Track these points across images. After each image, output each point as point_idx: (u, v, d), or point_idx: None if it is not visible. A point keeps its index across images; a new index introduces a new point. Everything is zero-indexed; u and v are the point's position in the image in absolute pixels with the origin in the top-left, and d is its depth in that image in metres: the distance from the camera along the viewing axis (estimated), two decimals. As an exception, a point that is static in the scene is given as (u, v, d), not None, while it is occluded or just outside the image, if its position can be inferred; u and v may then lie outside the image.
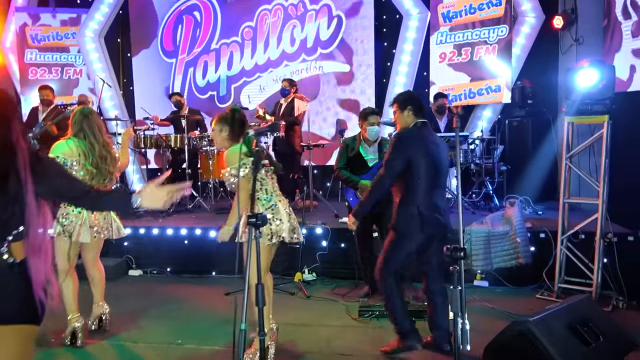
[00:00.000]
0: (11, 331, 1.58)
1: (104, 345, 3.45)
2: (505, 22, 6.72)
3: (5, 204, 1.55)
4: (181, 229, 5.37)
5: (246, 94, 7.72)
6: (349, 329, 3.70)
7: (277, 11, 7.53)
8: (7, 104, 1.65)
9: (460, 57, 6.94)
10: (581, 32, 6.61)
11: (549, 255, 4.49)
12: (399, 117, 3.30)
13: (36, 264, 1.61)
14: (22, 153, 1.59)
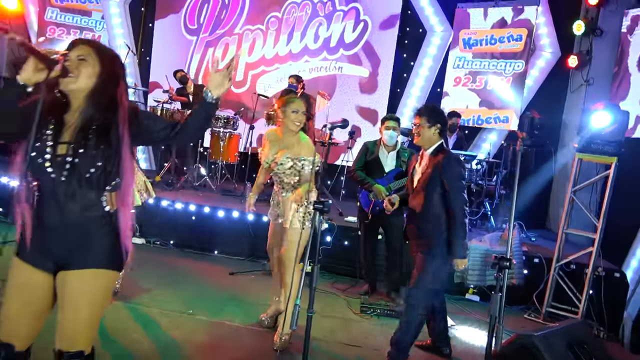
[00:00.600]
0: (99, 274, 1.71)
1: (118, 306, 3.56)
2: (522, 57, 6.99)
3: (109, 156, 1.67)
4: (190, 205, 5.47)
5: (262, 83, 7.82)
6: (352, 322, 3.88)
7: (306, 6, 7.65)
8: (117, 63, 1.77)
9: (474, 84, 7.18)
10: (592, 73, 6.94)
11: (540, 280, 4.77)
12: (423, 132, 3.14)
13: (125, 215, 1.74)
14: (123, 108, 1.72)
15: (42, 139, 1.65)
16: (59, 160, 1.64)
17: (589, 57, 6.95)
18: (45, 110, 1.63)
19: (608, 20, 6.83)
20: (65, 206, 1.65)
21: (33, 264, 1.71)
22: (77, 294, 1.67)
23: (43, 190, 1.67)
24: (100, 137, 1.66)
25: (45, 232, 1.68)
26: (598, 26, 6.86)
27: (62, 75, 1.62)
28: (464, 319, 4.34)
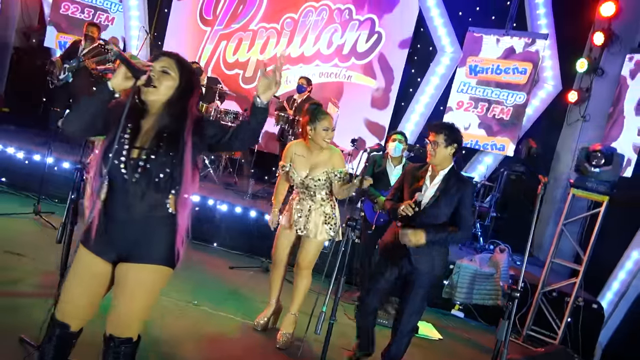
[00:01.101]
0: (157, 270, 1.85)
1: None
2: (525, 90, 7.26)
3: (176, 163, 1.81)
4: (193, 195, 5.58)
5: (272, 82, 7.94)
6: (348, 327, 4.07)
7: (323, 11, 7.80)
8: (192, 76, 1.91)
9: (476, 109, 7.43)
10: (589, 110, 7.24)
11: (523, 303, 5.01)
12: (439, 150, 3.03)
13: (182, 218, 1.88)
14: (190, 119, 1.86)
15: (120, 141, 1.79)
16: (133, 163, 1.78)
17: (588, 95, 7.25)
18: (132, 113, 1.78)
19: (610, 62, 7.13)
20: (133, 205, 1.80)
21: (97, 253, 1.84)
22: (135, 286, 1.81)
23: (115, 188, 1.81)
24: (170, 145, 1.81)
25: (112, 226, 1.82)
26: (600, 66, 7.15)
27: (146, 85, 1.76)
28: (449, 333, 4.57)
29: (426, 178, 3.11)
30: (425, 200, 3.06)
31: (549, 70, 7.48)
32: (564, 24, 7.43)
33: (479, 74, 7.43)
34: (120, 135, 1.78)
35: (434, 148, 3.03)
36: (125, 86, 1.73)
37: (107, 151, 1.75)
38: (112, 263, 1.86)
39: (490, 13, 7.80)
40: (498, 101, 7.35)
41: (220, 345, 3.27)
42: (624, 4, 7.03)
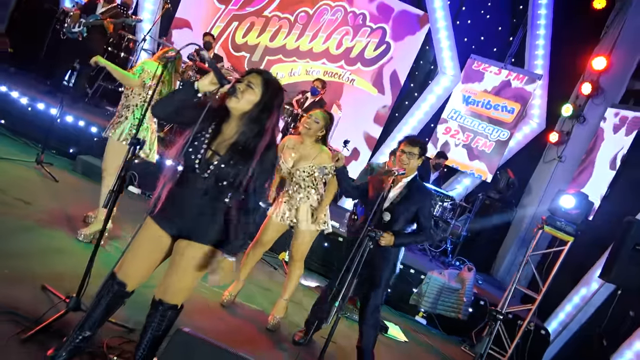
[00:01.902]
0: (209, 249, 2.10)
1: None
2: (509, 128, 7.75)
3: (241, 177, 2.02)
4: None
5: (276, 71, 8.13)
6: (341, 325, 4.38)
7: (338, 12, 8.02)
8: (274, 97, 2.08)
9: (461, 138, 7.89)
10: (566, 152, 7.82)
11: (480, 320, 5.48)
12: (412, 161, 3.35)
13: (237, 214, 2.11)
14: (265, 139, 2.04)
15: (201, 139, 2.01)
16: (205, 163, 2.02)
17: (567, 138, 7.82)
18: (211, 115, 2.00)
19: (592, 111, 7.71)
20: (198, 194, 2.04)
21: (161, 226, 2.08)
22: (190, 260, 2.06)
23: (186, 176, 2.04)
24: (241, 160, 2.01)
25: (178, 206, 2.05)
26: (583, 114, 7.72)
27: (229, 94, 1.99)
28: (413, 336, 4.97)
29: (390, 183, 3.36)
30: (387, 203, 3.38)
31: (537, 108, 8.00)
32: (558, 68, 7.96)
33: (470, 105, 7.86)
34: (202, 134, 2.01)
35: (409, 158, 3.35)
36: (209, 89, 1.96)
37: (187, 143, 1.98)
38: (172, 237, 2.10)
39: (493, 45, 8.25)
40: (483, 134, 7.82)
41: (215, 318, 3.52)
42: (615, 60, 7.60)
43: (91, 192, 4.94)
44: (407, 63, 8.02)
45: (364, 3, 7.99)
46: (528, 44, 8.02)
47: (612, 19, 7.86)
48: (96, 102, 6.92)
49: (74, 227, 3.85)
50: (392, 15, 7.99)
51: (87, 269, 2.52)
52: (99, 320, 2.16)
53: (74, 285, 2.80)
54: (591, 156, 7.45)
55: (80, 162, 5.37)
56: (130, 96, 3.73)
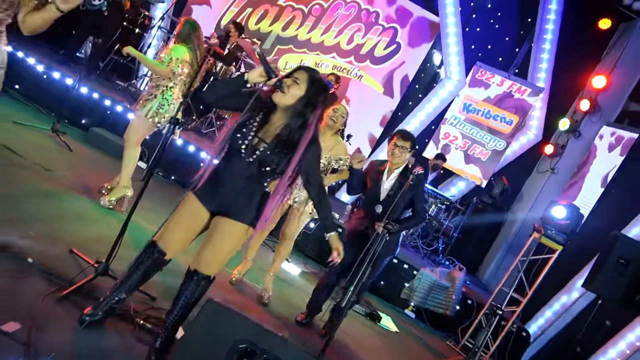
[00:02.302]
0: (244, 228, 2.27)
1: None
2: (506, 139, 7.99)
3: (282, 165, 2.20)
4: (202, 152, 5.87)
5: (285, 60, 8.24)
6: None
7: (352, 7, 8.14)
8: (319, 93, 2.23)
9: (459, 144, 8.11)
10: (559, 165, 8.09)
11: (466, 318, 5.74)
12: (404, 154, 3.65)
13: (273, 200, 2.28)
14: (308, 133, 2.21)
15: (249, 127, 2.17)
16: (251, 149, 2.18)
17: (562, 151, 8.09)
18: (259, 106, 2.16)
19: (588, 128, 7.98)
20: (240, 176, 2.20)
21: (202, 202, 2.24)
22: (226, 235, 2.23)
23: (231, 159, 2.20)
24: (284, 149, 2.19)
25: (220, 185, 2.22)
26: (579, 129, 7.99)
27: (275, 87, 2.15)
28: (402, 327, 5.20)
29: (384, 173, 3.78)
30: (383, 194, 3.73)
31: (535, 120, 8.25)
32: (559, 83, 8.20)
33: (470, 112, 8.08)
34: (250, 122, 2.17)
35: (401, 152, 3.66)
36: (258, 81, 2.12)
37: (236, 129, 2.14)
38: (211, 213, 2.26)
39: (499, 54, 8.46)
40: (481, 142, 8.06)
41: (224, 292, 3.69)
42: (614, 80, 7.87)
43: (105, 165, 5.08)
44: (416, 67, 8.20)
45: (382, 4, 8.12)
46: (533, 56, 8.24)
47: (615, 40, 8.12)
48: (107, 75, 6.98)
49: (91, 195, 3.97)
50: (409, 20, 8.14)
51: (119, 236, 2.67)
52: (135, 285, 2.33)
53: (96, 249, 2.97)
54: (583, 170, 7.73)
55: (93, 134, 5.46)
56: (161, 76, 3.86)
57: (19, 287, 2.38)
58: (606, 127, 7.75)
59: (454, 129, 8.11)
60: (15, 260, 2.55)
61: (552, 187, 8.05)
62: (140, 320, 2.54)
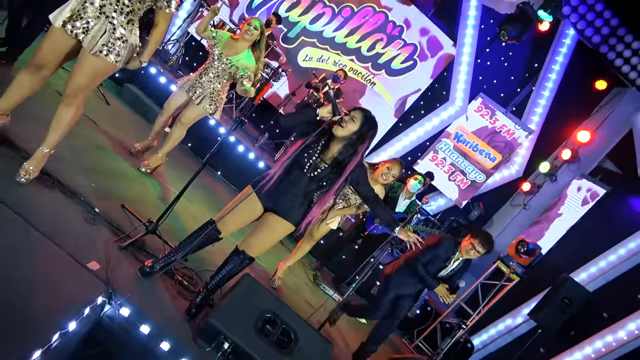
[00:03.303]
0: (289, 226, 2.82)
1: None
2: (486, 173, 8.70)
3: (334, 182, 2.76)
4: (221, 127, 6.30)
5: (306, 53, 8.66)
6: (307, 287, 5.21)
7: (379, 18, 8.61)
8: (369, 130, 2.75)
9: (443, 168, 8.79)
10: (531, 203, 8.86)
11: (423, 322, 6.48)
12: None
13: (316, 208, 2.83)
14: (355, 161, 2.75)
15: (314, 149, 2.72)
16: (314, 166, 2.73)
17: (537, 190, 8.86)
18: (323, 134, 2.71)
19: (564, 175, 8.76)
20: (298, 186, 2.75)
21: (260, 199, 2.79)
22: (273, 229, 2.79)
23: (293, 172, 2.74)
24: (338, 171, 2.75)
25: (279, 190, 2.76)
26: (556, 174, 8.76)
27: (338, 122, 2.69)
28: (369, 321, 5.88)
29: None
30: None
31: (520, 157, 8.98)
32: (548, 128, 8.92)
33: (460, 142, 8.76)
34: (315, 145, 2.71)
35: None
36: (325, 116, 2.67)
37: (303, 149, 2.68)
38: (265, 209, 2.82)
39: (502, 90, 9.09)
40: (463, 171, 8.76)
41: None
42: (597, 136, 8.64)
43: (137, 124, 5.50)
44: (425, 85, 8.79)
45: (416, 35, 8.66)
46: (532, 99, 8.92)
47: (607, 101, 8.86)
48: (142, 35, 7.28)
49: (127, 155, 4.43)
50: (437, 52, 8.71)
51: (173, 202, 3.18)
52: (188, 252, 2.87)
53: (139, 208, 3.48)
54: (550, 213, 8.54)
55: (127, 90, 5.85)
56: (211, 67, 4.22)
57: (93, 232, 2.90)
58: (579, 181, 8.56)
59: (442, 153, 8.77)
60: (86, 207, 3.05)
61: (520, 221, 8.84)
62: (179, 277, 3.09)
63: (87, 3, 2.58)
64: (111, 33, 2.63)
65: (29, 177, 2.74)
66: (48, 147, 2.79)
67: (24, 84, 2.73)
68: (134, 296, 2.55)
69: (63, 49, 2.68)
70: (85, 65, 2.65)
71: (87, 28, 2.59)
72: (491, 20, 8.72)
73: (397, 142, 8.87)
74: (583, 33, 8.37)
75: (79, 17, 2.58)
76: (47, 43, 2.64)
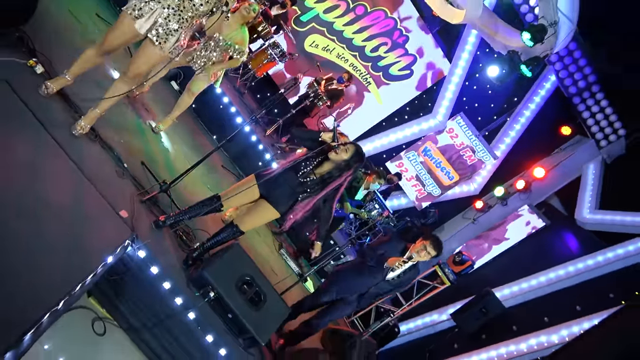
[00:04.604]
0: (275, 212, 3.59)
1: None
2: (442, 189, 9.72)
3: (318, 191, 3.53)
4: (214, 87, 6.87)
5: (313, 39, 9.19)
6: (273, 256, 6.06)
7: (388, 24, 9.20)
8: (355, 162, 3.51)
9: (406, 176, 9.78)
10: (480, 220, 9.92)
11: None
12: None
13: (301, 207, 3.60)
14: (337, 181, 3.52)
15: (311, 162, 3.48)
16: (306, 174, 3.49)
17: (487, 210, 9.91)
18: (320, 153, 3.46)
19: (514, 201, 9.82)
20: (291, 186, 3.52)
21: (258, 186, 3.54)
22: (263, 213, 3.58)
23: (289, 173, 3.50)
24: (321, 185, 3.52)
25: (277, 184, 3.52)
26: (507, 200, 9.81)
27: (333, 148, 3.45)
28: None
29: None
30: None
31: (480, 178, 9.97)
32: (511, 158, 9.91)
33: (426, 156, 9.68)
34: (313, 158, 3.47)
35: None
36: (326, 140, 3.42)
37: (303, 160, 3.45)
38: (260, 195, 3.59)
39: (480, 114, 9.96)
40: (423, 182, 9.71)
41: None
42: (551, 175, 9.69)
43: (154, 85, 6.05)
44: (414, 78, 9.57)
45: (417, 47, 9.34)
46: (504, 129, 9.85)
47: (567, 146, 9.88)
48: None
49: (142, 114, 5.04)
50: (429, 53, 9.39)
51: (185, 172, 3.90)
52: (193, 216, 3.63)
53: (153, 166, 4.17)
54: (493, 232, 9.65)
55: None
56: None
57: (122, 185, 3.60)
58: (527, 208, 9.66)
59: (408, 163, 9.70)
60: (118, 162, 3.74)
61: (467, 233, 9.91)
62: (179, 232, 3.85)
63: (168, 10, 3.18)
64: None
65: (82, 132, 3.40)
66: (100, 109, 3.44)
67: (90, 60, 3.35)
68: (149, 243, 3.31)
69: (129, 39, 3.31)
70: (151, 56, 3.28)
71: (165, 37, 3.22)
72: (487, 49, 9.49)
73: (377, 139, 9.67)
74: (562, 81, 9.27)
75: (162, 25, 3.18)
76: (118, 33, 3.25)
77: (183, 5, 3.20)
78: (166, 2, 3.19)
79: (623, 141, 9.43)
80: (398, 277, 4.37)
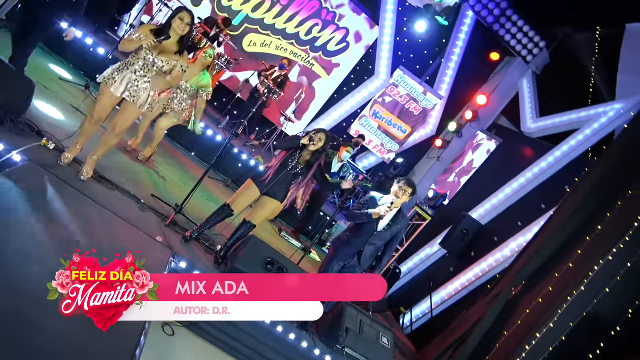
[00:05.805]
0: (278, 205, 4.41)
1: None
2: (399, 143, 10.71)
3: (305, 176, 4.37)
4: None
5: (250, 39, 9.84)
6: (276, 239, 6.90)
7: (314, 5, 9.84)
8: (329, 143, 4.39)
9: (366, 141, 10.59)
10: (443, 156, 10.94)
11: (363, 257, 8.42)
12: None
13: (294, 191, 4.44)
14: (318, 164, 4.35)
15: (294, 157, 4.29)
16: (294, 166, 4.31)
17: (447, 146, 10.94)
18: (300, 149, 4.28)
19: (468, 131, 10.88)
20: (284, 178, 4.33)
21: (258, 187, 4.34)
22: (267, 206, 4.39)
23: (281, 168, 4.31)
24: (307, 170, 4.34)
25: (274, 180, 4.32)
26: (461, 131, 10.85)
27: (310, 141, 4.27)
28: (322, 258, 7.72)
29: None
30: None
31: (434, 119, 10.96)
32: (455, 94, 10.91)
33: (377, 119, 10.59)
34: (297, 154, 4.29)
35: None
36: (305, 143, 4.25)
37: (287, 157, 4.26)
38: (260, 193, 4.40)
39: (417, 63, 10.87)
40: (382, 142, 10.64)
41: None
42: (492, 99, 10.75)
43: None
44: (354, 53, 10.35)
45: (346, 19, 10.04)
46: (441, 70, 10.81)
47: (499, 70, 10.93)
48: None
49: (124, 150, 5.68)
50: (357, 22, 10.16)
51: (192, 191, 4.67)
52: (212, 225, 4.42)
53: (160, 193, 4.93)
54: (455, 164, 10.71)
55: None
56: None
57: (147, 218, 4.36)
58: (480, 133, 10.71)
59: (362, 128, 10.59)
60: (136, 200, 4.48)
61: (435, 171, 10.96)
62: (205, 243, 4.65)
63: (135, 74, 3.91)
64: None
65: (86, 176, 4.10)
66: (97, 156, 4.15)
67: (89, 131, 4.10)
68: (185, 255, 4.11)
69: (113, 104, 4.04)
70: (130, 113, 4.03)
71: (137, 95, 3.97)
72: (407, 3, 10.33)
73: (334, 112, 10.50)
74: (479, 14, 10.23)
75: (133, 86, 3.92)
76: (103, 102, 3.97)
77: (147, 68, 3.93)
78: (133, 68, 3.92)
79: (545, 51, 10.51)
80: (389, 226, 4.67)
